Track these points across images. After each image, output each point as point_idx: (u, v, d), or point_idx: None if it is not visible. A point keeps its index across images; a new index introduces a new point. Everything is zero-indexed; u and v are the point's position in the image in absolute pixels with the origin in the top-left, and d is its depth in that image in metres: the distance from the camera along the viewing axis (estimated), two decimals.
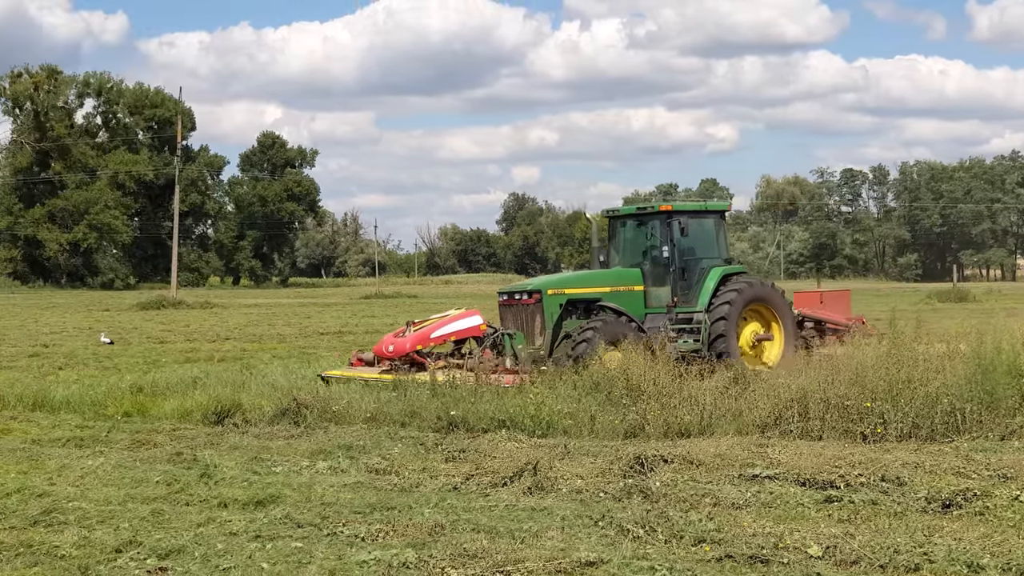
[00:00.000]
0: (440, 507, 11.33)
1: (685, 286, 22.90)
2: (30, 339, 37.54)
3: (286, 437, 16.09)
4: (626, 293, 22.63)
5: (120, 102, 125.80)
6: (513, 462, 13.11)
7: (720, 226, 24.08)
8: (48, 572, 9.02)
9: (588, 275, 24.32)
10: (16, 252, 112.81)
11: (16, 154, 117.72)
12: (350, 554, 9.60)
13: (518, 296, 22.12)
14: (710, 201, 23.54)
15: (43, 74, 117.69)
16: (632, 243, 23.90)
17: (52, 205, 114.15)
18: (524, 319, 21.76)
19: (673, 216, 22.88)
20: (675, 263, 22.81)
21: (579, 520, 10.64)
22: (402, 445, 14.96)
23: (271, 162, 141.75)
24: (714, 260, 23.41)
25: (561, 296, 21.84)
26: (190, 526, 10.75)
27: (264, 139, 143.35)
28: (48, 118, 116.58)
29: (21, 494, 12.11)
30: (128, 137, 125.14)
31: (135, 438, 16.41)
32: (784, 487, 11.82)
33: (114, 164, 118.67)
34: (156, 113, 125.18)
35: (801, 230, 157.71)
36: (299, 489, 12.35)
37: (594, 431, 15.60)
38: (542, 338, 21.37)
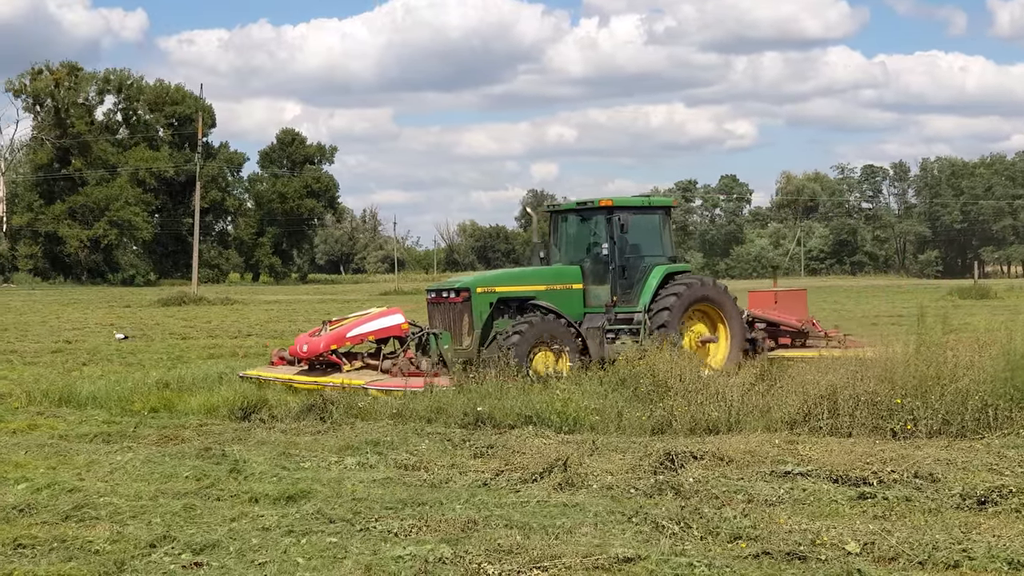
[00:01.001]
0: (471, 503, 11.31)
1: (626, 285, 22.19)
2: (52, 335, 37.62)
3: (313, 433, 16.09)
4: (563, 292, 21.91)
5: (140, 99, 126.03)
6: (542, 458, 13.10)
7: (666, 223, 23.22)
8: (84, 567, 9.01)
9: (521, 272, 23.54)
10: (37, 248, 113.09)
11: (37, 151, 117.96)
12: (385, 549, 9.59)
13: (445, 294, 21.32)
14: (655, 196, 22.78)
15: (63, 71, 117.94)
16: (573, 240, 23.21)
17: (73, 202, 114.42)
18: (451, 318, 21.01)
19: (614, 212, 22.09)
20: (615, 261, 22.06)
21: (612, 516, 10.61)
22: (429, 441, 14.94)
23: (290, 159, 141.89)
24: (658, 258, 22.65)
25: (491, 295, 21.09)
26: (223, 521, 10.75)
27: (283, 136, 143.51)
28: (69, 115, 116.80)
29: (51, 489, 12.12)
30: (148, 134, 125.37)
31: (162, 433, 16.42)
32: (817, 484, 11.79)
33: (135, 161, 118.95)
34: (176, 110, 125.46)
35: (821, 227, 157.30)
36: (329, 484, 12.35)
37: (621, 427, 15.57)
38: (470, 338, 20.64)
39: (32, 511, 11.30)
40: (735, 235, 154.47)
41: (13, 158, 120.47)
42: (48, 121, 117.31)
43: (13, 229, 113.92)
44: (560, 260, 22.87)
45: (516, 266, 50.74)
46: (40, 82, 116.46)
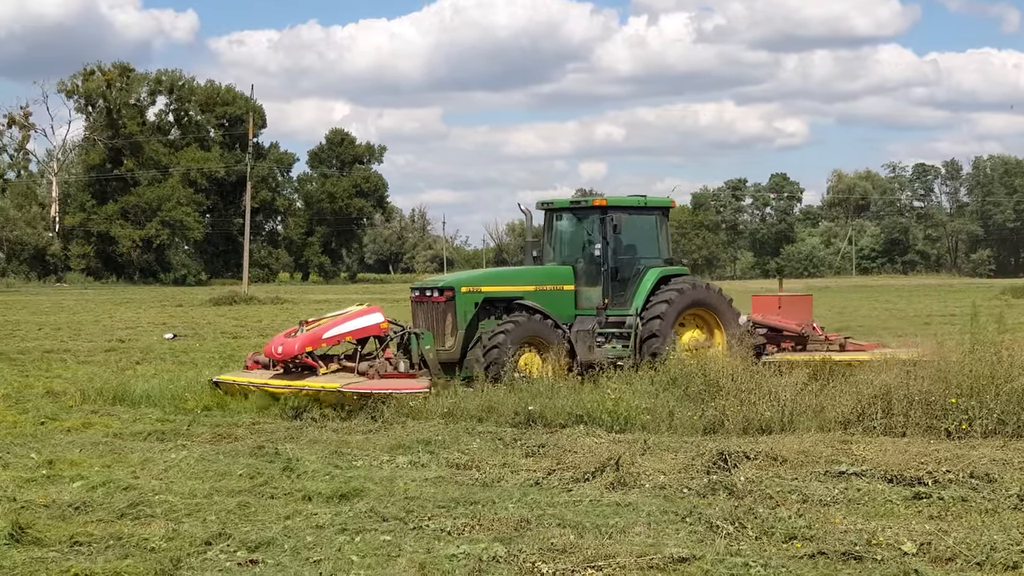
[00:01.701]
0: (524, 502, 11.31)
1: (619, 287, 21.44)
2: (106, 334, 37.87)
3: (364, 432, 16.16)
4: (553, 292, 21.17)
5: (191, 100, 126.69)
6: (594, 457, 13.08)
7: (662, 224, 22.35)
8: (140, 564, 9.06)
9: (509, 272, 23.23)
10: (89, 248, 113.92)
11: (89, 151, 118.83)
12: (438, 548, 9.60)
13: (429, 293, 20.51)
14: (651, 196, 21.77)
15: (115, 72, 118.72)
16: (567, 239, 22.47)
17: (125, 202, 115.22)
18: (434, 318, 20.20)
19: (608, 212, 21.34)
20: (608, 262, 21.28)
21: (665, 516, 10.58)
22: (480, 440, 14.96)
23: (340, 158, 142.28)
24: (653, 260, 21.86)
25: (476, 294, 20.36)
26: (277, 519, 10.80)
27: (333, 136, 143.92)
28: (120, 115, 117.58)
29: (106, 487, 12.21)
30: (200, 134, 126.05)
31: (216, 432, 16.53)
32: (871, 484, 11.73)
33: (186, 161, 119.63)
34: (227, 111, 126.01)
35: (873, 225, 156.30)
36: (381, 483, 12.39)
37: (672, 427, 15.55)
38: (454, 339, 19.98)
39: (88, 509, 11.39)
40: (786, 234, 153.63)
41: (66, 158, 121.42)
42: (100, 122, 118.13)
43: (66, 229, 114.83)
44: (553, 260, 22.19)
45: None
46: (92, 83, 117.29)
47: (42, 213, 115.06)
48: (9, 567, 8.96)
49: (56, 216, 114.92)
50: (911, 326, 34.92)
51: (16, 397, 19.94)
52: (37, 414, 17.93)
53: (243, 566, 9.22)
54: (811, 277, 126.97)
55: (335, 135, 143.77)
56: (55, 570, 8.77)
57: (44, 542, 9.91)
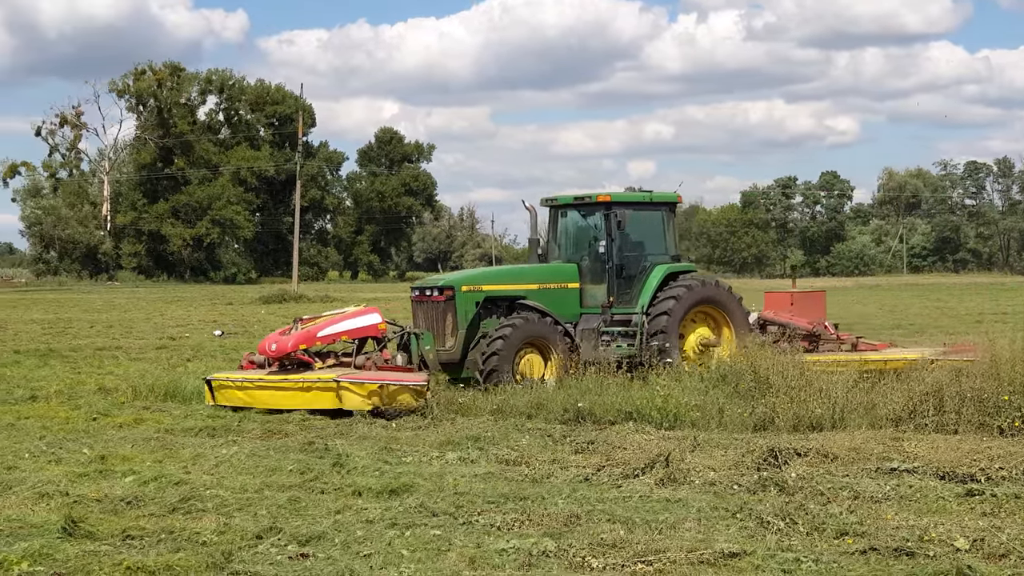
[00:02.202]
0: (573, 498, 11.32)
1: (624, 285, 21.00)
2: (157, 332, 38.16)
3: (414, 428, 16.22)
4: (558, 291, 20.77)
5: (242, 99, 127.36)
6: (643, 454, 13.07)
7: (669, 220, 21.92)
8: (192, 558, 9.12)
9: (512, 270, 22.86)
10: (141, 247, 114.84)
11: (140, 150, 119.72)
12: (488, 542, 9.63)
13: (429, 292, 20.11)
14: (658, 192, 21.07)
15: (166, 71, 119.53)
16: (572, 236, 22.00)
17: (176, 201, 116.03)
18: (434, 318, 19.83)
19: (612, 208, 20.86)
20: (612, 259, 20.86)
21: (715, 512, 10.57)
22: (530, 436, 14.98)
23: (389, 157, 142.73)
24: (660, 257, 21.44)
25: (477, 293, 20.01)
26: (327, 513, 10.85)
27: (382, 134, 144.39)
28: (171, 115, 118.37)
29: (158, 482, 12.32)
30: (249, 133, 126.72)
31: (266, 428, 16.64)
32: (923, 480, 11.67)
33: (236, 160, 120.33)
34: (277, 110, 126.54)
35: (924, 223, 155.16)
36: (431, 479, 12.42)
37: (722, 424, 15.50)
38: (454, 339, 19.64)
39: (140, 503, 11.48)
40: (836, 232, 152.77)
41: (117, 158, 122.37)
42: (151, 121, 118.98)
43: (117, 228, 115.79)
44: (558, 257, 21.77)
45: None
46: (143, 82, 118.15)
47: (94, 212, 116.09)
48: (62, 560, 9.05)
49: (108, 215, 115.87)
50: (962, 325, 34.69)
51: (69, 393, 20.09)
52: (89, 410, 18.09)
53: (294, 559, 9.26)
54: (862, 275, 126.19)
55: (384, 134, 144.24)
56: (108, 563, 8.83)
57: (97, 536, 10.00)
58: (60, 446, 14.99)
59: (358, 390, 17.15)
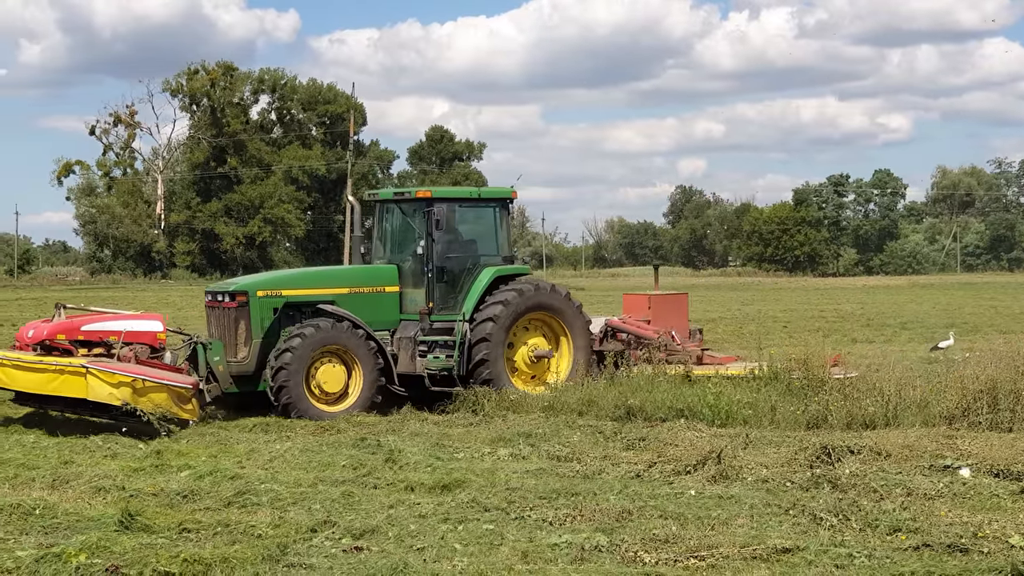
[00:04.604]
0: (625, 494, 11.35)
1: (447, 289, 19.00)
2: None
3: (465, 425, 16.31)
4: (373, 295, 18.88)
5: (293, 98, 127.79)
6: (695, 451, 13.08)
7: (503, 219, 20.04)
8: (248, 550, 9.21)
9: (317, 272, 21.54)
10: (194, 245, 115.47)
11: (193, 149, 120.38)
12: (540, 537, 9.68)
13: (220, 298, 18.27)
14: (489, 188, 19.46)
15: (219, 71, 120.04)
16: (394, 235, 20.04)
17: (228, 200, 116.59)
18: (226, 326, 17.99)
19: (433, 204, 18.96)
20: (432, 261, 18.82)
21: (768, 508, 10.56)
22: (581, 433, 15.03)
23: (439, 156, 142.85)
24: (490, 259, 19.45)
25: (275, 299, 18.04)
26: (381, 508, 10.94)
27: (432, 133, 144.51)
28: (224, 114, 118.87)
29: (213, 476, 12.44)
30: (301, 132, 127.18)
31: (319, 424, 16.76)
32: (977, 478, 11.63)
33: (288, 159, 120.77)
34: (328, 109, 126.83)
35: (978, 222, 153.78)
36: (483, 474, 12.49)
37: (775, 421, 15.48)
38: (247, 349, 17.77)
39: (196, 497, 11.64)
40: (889, 230, 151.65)
41: (171, 157, 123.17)
42: (204, 120, 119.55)
43: (171, 226, 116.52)
44: (382, 258, 19.90)
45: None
46: (196, 82, 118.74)
47: (148, 211, 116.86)
48: (119, 552, 9.15)
49: (161, 214, 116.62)
50: (1017, 324, 34.45)
51: None
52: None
53: (348, 553, 9.35)
54: (915, 274, 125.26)
55: (434, 132, 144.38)
56: (164, 555, 8.93)
57: (153, 529, 10.13)
58: (116, 441, 15.18)
59: (107, 379, 15.52)
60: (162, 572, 8.64)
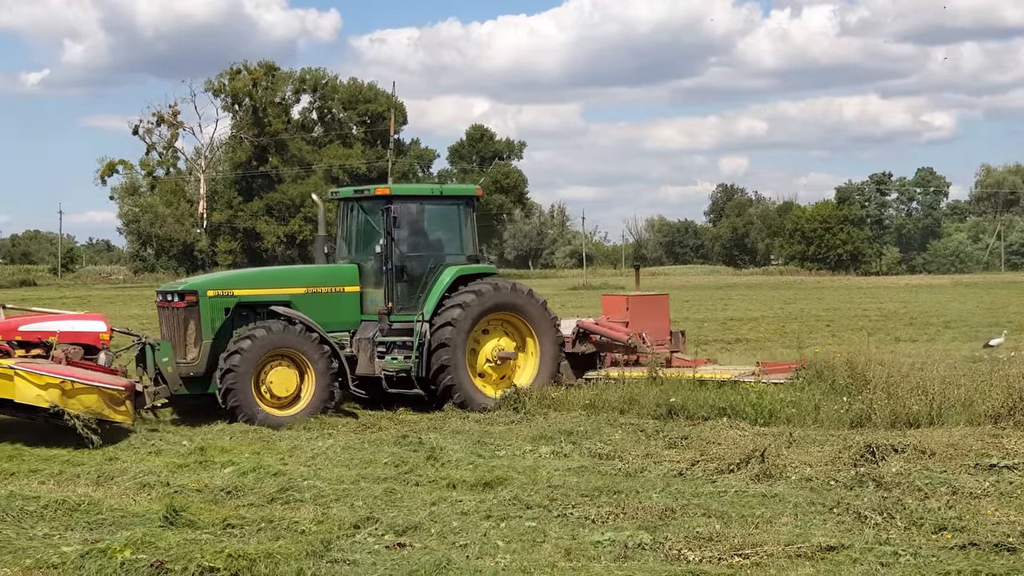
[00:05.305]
0: (667, 492, 11.32)
1: (407, 289, 18.55)
2: None
3: (506, 423, 16.32)
4: (331, 296, 18.47)
5: (334, 97, 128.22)
6: (738, 449, 13.02)
7: (466, 216, 19.40)
8: (292, 546, 9.24)
9: (272, 272, 21.27)
10: (235, 244, 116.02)
11: (235, 149, 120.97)
12: (583, 534, 9.68)
13: (170, 298, 17.81)
14: (451, 185, 18.64)
15: (261, 71, 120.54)
16: (356, 234, 19.55)
17: (269, 199, 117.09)
18: (175, 327, 17.55)
19: (392, 202, 18.61)
20: (391, 260, 18.43)
21: (812, 507, 10.52)
22: (622, 431, 15.01)
23: (479, 154, 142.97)
24: (454, 258, 19.02)
25: (227, 299, 17.54)
26: (423, 505, 10.97)
27: (473, 132, 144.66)
28: (266, 114, 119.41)
29: (257, 473, 12.49)
30: (342, 131, 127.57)
31: (361, 422, 16.88)
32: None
33: (328, 158, 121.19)
34: (369, 108, 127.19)
35: (1022, 220, 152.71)
36: (524, 472, 12.49)
37: (818, 420, 15.39)
38: (197, 350, 17.30)
39: (239, 493, 11.70)
40: (932, 229, 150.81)
41: (213, 156, 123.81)
42: (246, 120, 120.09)
43: (213, 225, 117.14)
44: (344, 257, 19.48)
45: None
46: (238, 82, 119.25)
47: (190, 210, 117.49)
48: (164, 547, 9.20)
49: (204, 213, 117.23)
50: None
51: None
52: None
53: (391, 549, 9.37)
54: (959, 273, 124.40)
55: (475, 131, 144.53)
56: (209, 551, 8.97)
57: (198, 524, 10.19)
58: (160, 438, 15.31)
59: (34, 381, 14.94)
60: (206, 567, 8.68)
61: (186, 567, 8.74)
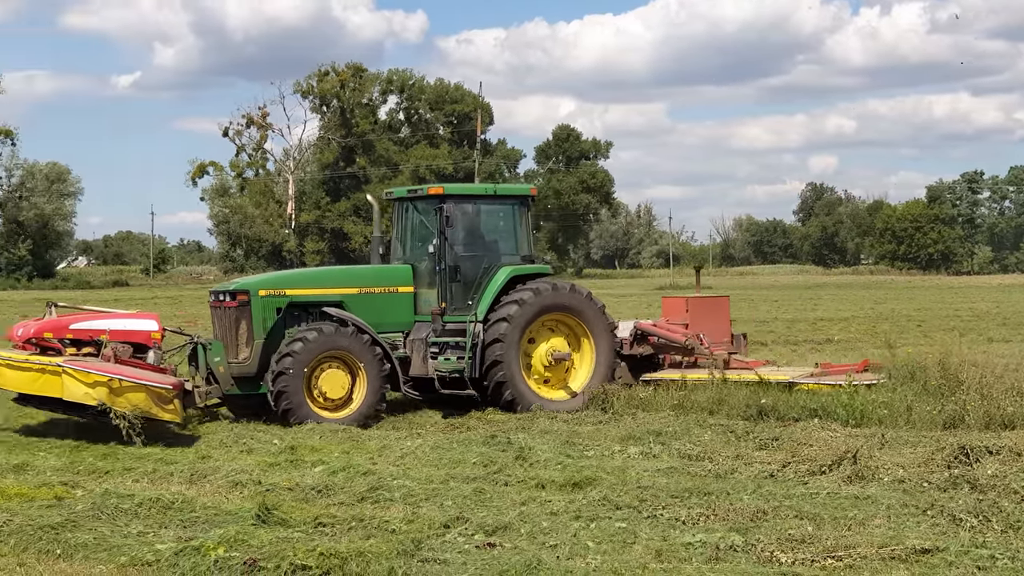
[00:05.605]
0: (759, 493, 11.24)
1: (460, 289, 18.38)
2: None
3: (594, 423, 16.31)
4: (385, 296, 18.33)
5: (421, 98, 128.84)
6: (830, 451, 12.87)
7: (521, 216, 19.18)
8: (383, 545, 9.28)
9: (325, 272, 21.27)
10: (323, 244, 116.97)
11: (323, 150, 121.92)
12: (674, 536, 9.63)
13: (222, 298, 17.80)
14: (507, 184, 18.18)
15: (348, 72, 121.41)
16: (411, 234, 19.36)
17: (357, 199, 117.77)
18: (227, 326, 17.52)
19: (446, 201, 18.45)
20: (444, 260, 18.25)
21: (905, 509, 10.40)
22: (712, 432, 14.93)
23: (566, 154, 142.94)
24: (508, 258, 18.85)
25: (279, 298, 17.51)
26: (512, 504, 10.97)
27: (559, 132, 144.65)
28: (353, 115, 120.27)
29: (346, 472, 12.58)
30: (429, 132, 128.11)
31: (449, 422, 16.92)
32: None
33: (415, 158, 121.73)
34: (455, 108, 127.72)
35: None
36: (613, 472, 12.46)
37: (911, 421, 15.23)
38: (248, 350, 17.29)
39: (330, 492, 11.79)
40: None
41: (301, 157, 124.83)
42: (334, 121, 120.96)
43: (301, 226, 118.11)
44: (400, 258, 19.33)
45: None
46: (326, 83, 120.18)
47: (279, 210, 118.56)
48: (257, 545, 9.28)
49: (292, 213, 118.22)
50: None
51: None
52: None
53: (481, 549, 9.38)
54: None
55: (561, 131, 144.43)
56: (301, 549, 9.03)
57: (289, 523, 10.26)
58: (251, 437, 15.46)
59: (82, 378, 15.10)
60: (299, 565, 8.75)
61: (278, 565, 8.81)
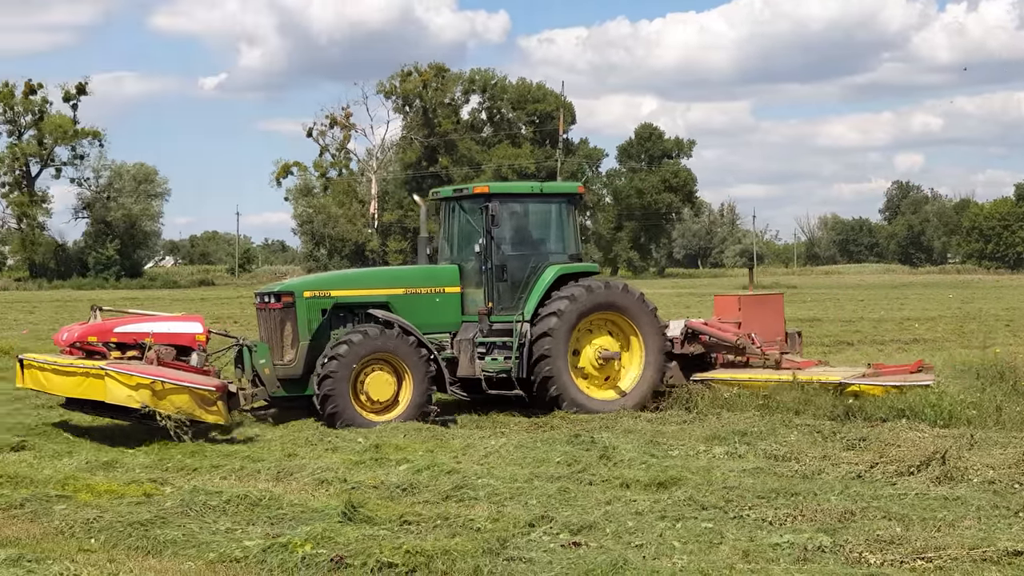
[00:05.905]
0: (846, 494, 11.14)
1: (507, 288, 18.15)
2: None
3: (678, 422, 16.25)
4: (431, 296, 18.17)
5: (503, 98, 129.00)
6: (918, 451, 12.75)
7: (569, 214, 19.05)
8: (468, 543, 9.31)
9: (369, 273, 21.10)
10: (406, 243, 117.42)
11: (406, 150, 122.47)
12: (761, 536, 9.58)
13: (267, 299, 17.77)
14: (553, 183, 18.06)
15: (431, 72, 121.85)
16: (458, 234, 19.17)
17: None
18: (272, 328, 17.50)
19: (492, 200, 18.22)
20: (491, 259, 18.03)
21: (996, 510, 10.28)
22: (798, 432, 14.81)
23: (648, 153, 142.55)
24: (556, 257, 18.64)
25: (324, 300, 17.42)
26: (597, 504, 10.97)
27: (641, 131, 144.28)
28: (436, 114, 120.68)
29: (431, 471, 12.64)
30: (511, 131, 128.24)
31: (533, 421, 16.91)
32: None
33: (497, 158, 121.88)
34: (537, 108, 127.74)
35: None
36: (698, 472, 12.41)
37: (1000, 422, 15.04)
38: (294, 352, 17.20)
39: (415, 490, 11.84)
40: None
41: (384, 157, 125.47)
42: (416, 121, 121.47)
43: (384, 225, 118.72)
44: (447, 258, 19.20)
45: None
46: (409, 84, 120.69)
47: (362, 210, 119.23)
48: (343, 543, 9.35)
49: (375, 213, 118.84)
50: None
51: None
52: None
53: (567, 548, 9.37)
54: None
55: (643, 130, 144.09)
56: (387, 547, 9.08)
57: (375, 520, 10.32)
58: (336, 435, 15.54)
59: (125, 381, 15.06)
60: (385, 563, 8.80)
61: (365, 562, 8.87)
